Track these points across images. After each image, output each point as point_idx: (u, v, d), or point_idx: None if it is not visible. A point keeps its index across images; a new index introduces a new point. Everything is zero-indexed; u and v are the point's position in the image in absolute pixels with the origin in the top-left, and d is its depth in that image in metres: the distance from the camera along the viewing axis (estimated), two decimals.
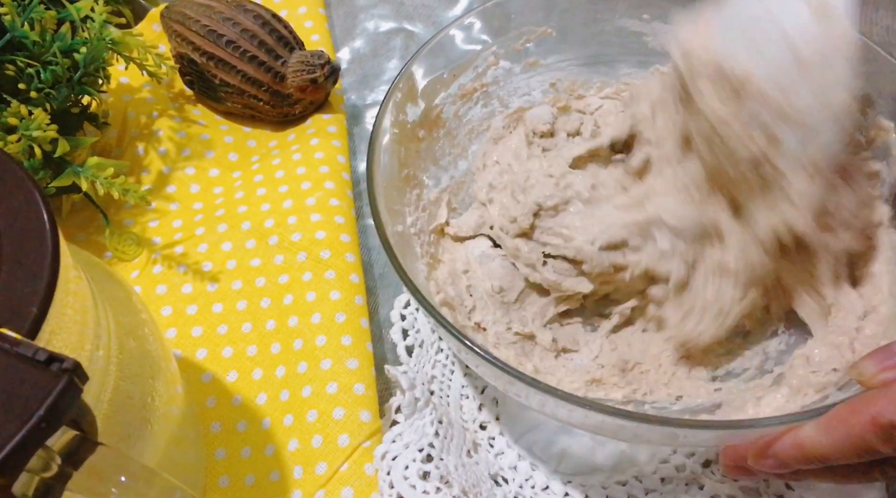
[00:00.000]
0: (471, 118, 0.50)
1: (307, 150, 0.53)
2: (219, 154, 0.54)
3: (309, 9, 0.63)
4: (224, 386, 0.44)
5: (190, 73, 0.55)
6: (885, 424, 0.27)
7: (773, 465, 0.31)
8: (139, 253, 0.49)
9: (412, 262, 0.42)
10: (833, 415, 0.29)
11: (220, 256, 0.48)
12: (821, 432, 0.30)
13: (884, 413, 0.27)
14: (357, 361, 0.43)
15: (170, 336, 0.46)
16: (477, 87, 0.50)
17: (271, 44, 0.53)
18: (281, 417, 0.42)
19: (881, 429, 0.28)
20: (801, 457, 0.30)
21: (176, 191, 0.52)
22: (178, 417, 0.36)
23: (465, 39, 0.48)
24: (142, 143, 0.54)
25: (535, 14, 0.49)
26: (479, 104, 0.50)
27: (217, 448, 0.42)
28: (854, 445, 0.28)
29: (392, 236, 0.39)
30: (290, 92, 0.54)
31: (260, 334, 0.45)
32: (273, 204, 0.50)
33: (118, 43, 0.50)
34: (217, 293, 0.47)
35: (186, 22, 0.54)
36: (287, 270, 0.47)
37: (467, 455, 0.41)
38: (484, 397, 0.44)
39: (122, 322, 0.31)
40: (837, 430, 0.29)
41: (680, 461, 0.41)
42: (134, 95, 0.56)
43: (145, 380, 0.32)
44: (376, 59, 0.62)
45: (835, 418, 0.29)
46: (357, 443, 0.40)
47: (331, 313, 0.45)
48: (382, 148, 0.42)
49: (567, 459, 0.42)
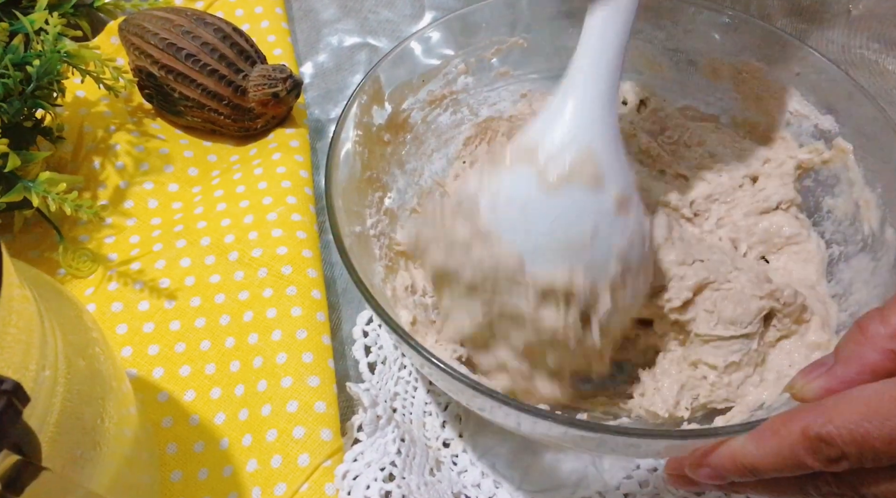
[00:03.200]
0: (439, 125, 0.50)
1: (269, 165, 0.52)
2: (178, 169, 0.53)
3: (272, 23, 0.62)
4: (181, 406, 0.43)
5: (149, 86, 0.54)
6: (813, 436, 0.27)
7: (708, 475, 0.31)
8: (94, 270, 0.48)
9: (369, 263, 0.42)
10: (766, 426, 0.29)
11: (179, 273, 0.47)
12: (753, 444, 0.29)
13: (812, 425, 0.27)
14: (318, 378, 0.42)
15: (125, 355, 0.44)
16: (446, 93, 0.50)
17: (232, 57, 0.53)
18: (239, 437, 0.41)
19: (809, 442, 0.27)
20: (733, 468, 0.30)
21: (133, 206, 0.51)
22: (131, 438, 0.35)
23: (430, 48, 0.48)
24: (98, 158, 0.52)
25: (501, 26, 0.49)
26: (449, 111, 0.50)
27: (173, 470, 0.41)
28: (784, 457, 0.28)
29: (348, 236, 0.38)
30: (252, 106, 0.53)
31: (219, 352, 0.44)
32: (234, 219, 0.50)
33: (73, 55, 0.49)
34: (175, 310, 0.46)
35: (145, 35, 0.53)
36: (247, 286, 0.47)
37: (430, 473, 0.41)
38: (447, 414, 0.44)
39: (71, 341, 0.31)
40: (769, 441, 0.29)
41: (644, 477, 0.41)
42: (90, 109, 0.55)
43: (95, 401, 0.31)
44: (340, 73, 0.62)
45: (767, 430, 0.29)
46: (317, 462, 0.40)
47: (292, 330, 0.44)
48: (344, 148, 0.42)
49: (531, 476, 0.41)
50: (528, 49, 0.50)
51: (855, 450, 0.27)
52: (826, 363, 0.30)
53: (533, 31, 0.50)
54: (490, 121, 0.51)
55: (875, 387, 0.27)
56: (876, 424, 0.26)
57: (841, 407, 0.27)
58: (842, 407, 0.27)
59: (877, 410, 0.26)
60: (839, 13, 0.62)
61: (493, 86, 0.51)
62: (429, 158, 0.50)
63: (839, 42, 0.61)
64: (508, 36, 0.50)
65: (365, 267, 0.39)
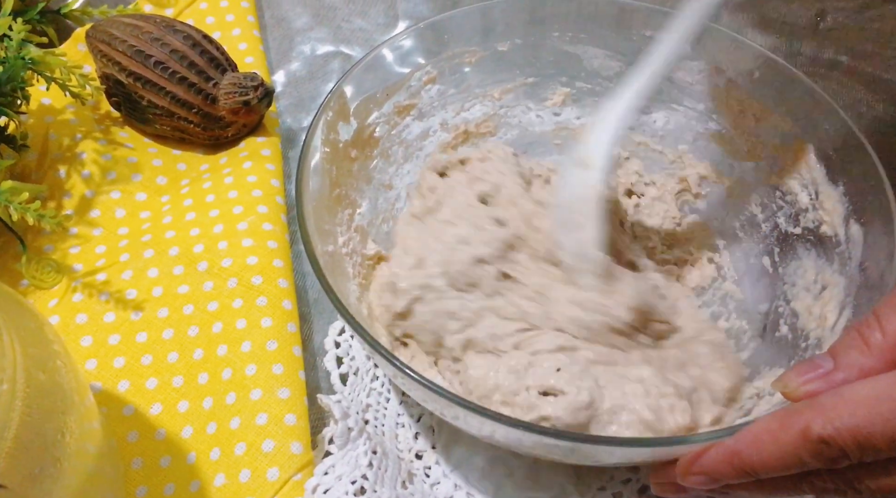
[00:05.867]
0: (405, 138, 0.50)
1: (240, 174, 0.52)
2: (146, 177, 0.52)
3: (243, 30, 0.62)
4: (147, 419, 0.42)
5: (116, 94, 0.53)
6: (814, 437, 0.27)
7: (701, 481, 0.31)
8: (58, 280, 0.47)
9: (343, 282, 0.41)
10: (762, 428, 0.29)
11: (146, 283, 0.46)
12: (749, 446, 0.29)
13: (813, 426, 0.28)
14: (289, 390, 0.42)
15: (89, 368, 0.43)
16: (412, 105, 0.49)
17: (202, 65, 0.52)
18: (207, 451, 0.41)
19: (810, 443, 0.28)
20: (731, 472, 0.30)
21: (100, 216, 0.50)
22: (95, 454, 0.34)
23: (398, 58, 0.47)
24: (64, 166, 0.51)
25: (474, 34, 0.49)
26: (415, 123, 0.50)
27: (138, 486, 0.40)
28: (784, 457, 0.28)
29: (322, 256, 0.38)
30: (222, 114, 0.53)
31: (187, 364, 0.44)
32: (203, 229, 0.49)
33: (38, 62, 0.48)
34: (141, 322, 0.45)
35: (113, 42, 0.52)
36: (217, 296, 0.46)
37: (402, 486, 0.40)
38: (420, 426, 0.43)
39: (30, 354, 0.30)
40: (767, 443, 0.29)
41: (617, 489, 0.41)
42: (56, 117, 0.54)
43: (56, 415, 0.30)
44: (313, 82, 0.61)
45: (763, 432, 0.29)
46: (287, 476, 0.39)
47: (262, 341, 0.43)
48: (313, 167, 0.42)
49: (504, 489, 0.41)
50: (496, 57, 0.50)
51: (856, 450, 0.27)
52: (821, 365, 0.30)
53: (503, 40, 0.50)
54: (456, 130, 0.51)
55: (871, 384, 0.28)
56: (878, 424, 0.27)
57: (840, 407, 0.27)
58: (840, 407, 0.27)
59: (878, 410, 0.27)
60: (808, 26, 0.63)
61: (463, 94, 0.51)
62: (396, 172, 0.50)
63: (808, 54, 0.61)
64: (481, 43, 0.50)
65: (340, 286, 0.39)
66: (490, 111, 0.52)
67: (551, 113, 0.53)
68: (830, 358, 0.30)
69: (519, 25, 0.50)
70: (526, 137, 0.53)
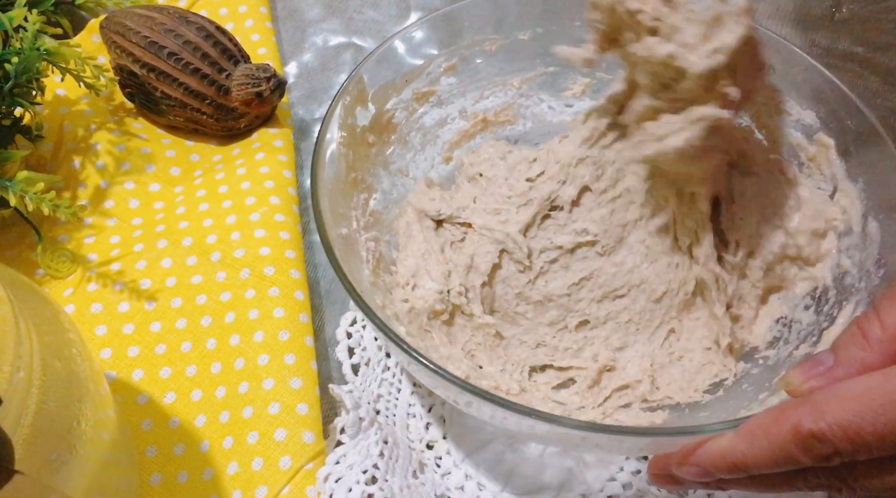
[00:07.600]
0: (424, 124, 0.50)
1: (252, 165, 0.52)
2: (160, 168, 0.53)
3: (256, 22, 0.62)
4: (161, 408, 0.42)
5: (130, 85, 0.54)
6: (806, 433, 0.27)
7: (696, 473, 0.31)
8: (73, 270, 0.47)
9: (357, 265, 0.42)
10: (755, 424, 0.29)
11: (160, 273, 0.47)
12: (743, 441, 0.29)
13: (804, 422, 0.27)
14: (300, 380, 0.42)
15: (104, 357, 0.44)
16: (431, 92, 0.49)
17: (215, 56, 0.52)
18: (220, 440, 0.41)
19: (801, 438, 0.27)
20: (722, 465, 0.30)
21: (114, 206, 0.50)
22: (109, 441, 0.34)
23: (414, 47, 0.47)
24: (78, 157, 0.52)
25: (486, 24, 0.49)
26: (433, 110, 0.50)
27: (152, 473, 0.40)
28: (775, 454, 0.28)
29: (335, 239, 0.38)
30: (235, 105, 0.53)
31: (200, 354, 0.44)
32: (216, 219, 0.49)
33: (53, 53, 0.48)
34: (155, 311, 0.45)
35: (127, 33, 0.52)
36: (229, 287, 0.46)
37: (413, 476, 0.40)
38: (431, 416, 0.44)
39: (47, 342, 0.30)
40: (759, 438, 0.29)
41: (627, 479, 0.41)
42: (71, 108, 0.54)
43: (72, 403, 0.31)
44: (325, 73, 0.62)
45: (757, 427, 0.29)
46: (299, 465, 0.39)
47: (274, 331, 0.44)
48: (329, 150, 0.42)
49: (514, 479, 0.41)
50: (513, 47, 0.50)
51: (847, 446, 0.27)
52: (824, 362, 0.30)
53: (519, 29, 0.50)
54: (475, 117, 0.51)
55: (863, 381, 0.28)
56: (868, 420, 0.26)
57: (831, 403, 0.27)
58: (832, 403, 0.27)
59: (868, 406, 0.26)
60: (823, 16, 0.62)
61: (483, 82, 0.51)
62: (413, 158, 0.50)
63: (823, 45, 0.61)
64: (494, 34, 0.49)
65: (353, 270, 0.39)
66: (510, 100, 0.52)
67: (563, 104, 0.53)
68: (832, 354, 0.30)
69: (531, 15, 0.50)
70: (543, 127, 0.53)
